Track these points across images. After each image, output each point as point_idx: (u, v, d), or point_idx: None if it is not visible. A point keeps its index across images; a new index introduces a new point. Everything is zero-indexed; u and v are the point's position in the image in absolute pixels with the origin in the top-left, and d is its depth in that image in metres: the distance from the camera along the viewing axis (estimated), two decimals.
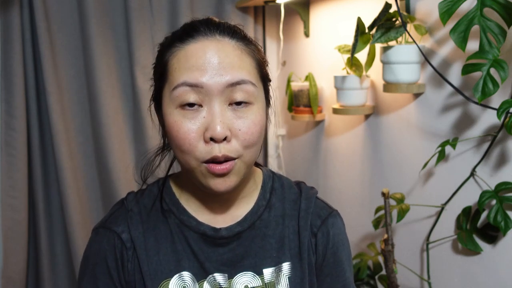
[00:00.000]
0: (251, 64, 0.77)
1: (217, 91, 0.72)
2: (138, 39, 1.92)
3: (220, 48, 0.74)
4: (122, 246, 0.82)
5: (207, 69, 0.72)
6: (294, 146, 2.14)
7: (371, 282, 1.52)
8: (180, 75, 0.73)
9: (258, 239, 0.83)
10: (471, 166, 1.24)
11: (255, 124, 0.75)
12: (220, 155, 0.72)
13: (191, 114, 0.73)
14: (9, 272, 1.85)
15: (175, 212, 0.84)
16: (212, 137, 0.72)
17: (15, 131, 1.81)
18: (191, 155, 0.73)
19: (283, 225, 0.85)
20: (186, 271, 0.81)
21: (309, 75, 1.82)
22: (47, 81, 1.82)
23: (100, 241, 0.84)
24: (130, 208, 0.84)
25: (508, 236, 1.17)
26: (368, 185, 1.67)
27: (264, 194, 0.86)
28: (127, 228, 0.82)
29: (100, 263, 0.83)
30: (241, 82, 0.73)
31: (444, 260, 1.36)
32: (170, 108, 0.75)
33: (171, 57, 0.76)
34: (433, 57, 1.33)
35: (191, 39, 0.75)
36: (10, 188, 1.83)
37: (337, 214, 0.89)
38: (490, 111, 1.18)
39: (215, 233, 0.82)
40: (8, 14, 1.77)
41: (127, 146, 2.01)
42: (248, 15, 2.09)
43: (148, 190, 0.87)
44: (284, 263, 0.83)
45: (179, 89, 0.73)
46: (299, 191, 0.89)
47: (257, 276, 0.82)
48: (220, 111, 0.73)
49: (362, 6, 1.60)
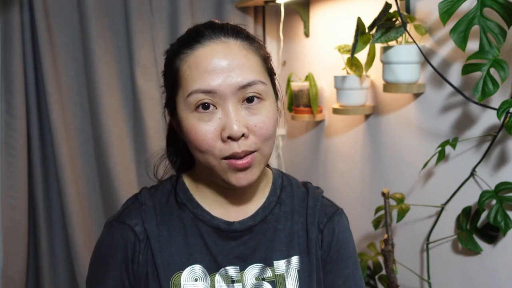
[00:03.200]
0: (257, 63, 0.79)
1: (229, 93, 0.75)
2: (138, 39, 1.92)
3: (227, 51, 0.77)
4: (135, 239, 0.83)
5: (217, 73, 0.75)
6: (294, 146, 2.14)
7: (371, 282, 1.53)
8: (193, 82, 0.76)
9: (269, 233, 0.86)
10: (471, 166, 1.24)
11: (269, 118, 0.78)
12: (240, 151, 0.75)
13: (207, 117, 0.76)
14: (9, 272, 1.84)
15: (189, 207, 0.86)
16: (230, 136, 0.74)
17: (15, 131, 1.81)
18: (210, 154, 0.76)
19: (292, 221, 0.88)
20: (198, 264, 0.83)
21: (309, 75, 1.82)
22: (47, 81, 1.82)
23: (113, 234, 0.86)
24: (144, 202, 0.86)
25: (508, 236, 1.17)
26: (368, 185, 1.67)
27: (275, 190, 0.89)
28: (141, 221, 0.84)
29: (112, 256, 0.85)
30: (252, 83, 0.76)
31: (444, 260, 1.36)
32: (186, 113, 0.77)
33: (181, 63, 0.78)
34: (433, 57, 1.33)
35: (198, 44, 0.77)
36: (10, 188, 1.83)
37: (342, 212, 0.93)
38: (490, 111, 1.18)
39: (228, 226, 0.84)
40: (8, 14, 1.77)
41: (127, 146, 2.00)
42: (248, 15, 2.09)
43: (162, 186, 0.89)
44: (293, 256, 0.86)
45: (193, 96, 0.76)
46: (306, 190, 0.92)
47: (268, 268, 0.85)
48: (235, 110, 0.75)
49: (362, 6, 1.60)
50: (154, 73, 1.97)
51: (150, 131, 1.97)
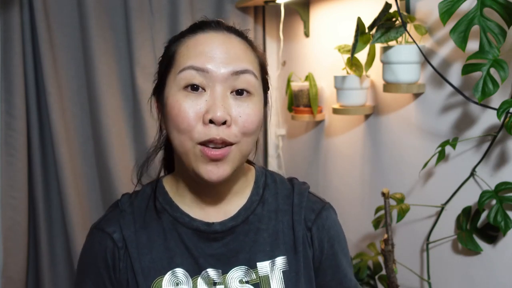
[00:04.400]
0: (254, 60, 0.81)
1: (221, 77, 0.75)
2: (138, 39, 1.92)
3: (227, 40, 0.78)
4: (114, 246, 0.83)
5: (213, 57, 0.76)
6: (294, 146, 2.14)
7: (371, 282, 1.52)
8: (187, 59, 0.76)
9: (252, 233, 0.84)
10: (471, 166, 1.24)
11: (255, 114, 0.77)
12: (218, 138, 0.73)
13: (194, 96, 0.75)
14: (9, 272, 1.84)
15: (168, 210, 0.85)
16: (212, 119, 0.73)
17: (15, 131, 1.81)
18: (188, 135, 0.75)
19: (276, 220, 0.86)
20: (179, 268, 0.82)
21: (309, 75, 1.82)
22: (47, 81, 1.82)
23: (92, 241, 0.86)
24: (124, 209, 0.86)
25: (508, 236, 1.17)
26: (368, 185, 1.67)
27: (257, 190, 0.88)
28: (119, 228, 0.84)
29: (92, 263, 0.85)
30: (245, 72, 0.77)
31: (444, 260, 1.36)
32: (173, 90, 0.77)
33: (179, 46, 0.79)
34: (433, 57, 1.33)
35: (201, 31, 0.79)
36: (10, 188, 1.83)
37: (329, 207, 0.91)
38: (490, 111, 1.18)
39: (208, 227, 0.83)
40: (8, 14, 1.77)
41: (127, 146, 2.01)
42: (248, 15, 2.09)
43: (142, 191, 0.89)
44: (278, 257, 0.84)
45: (185, 72, 0.76)
46: (291, 186, 0.90)
47: (251, 270, 0.83)
48: (222, 96, 0.75)
49: (362, 6, 1.60)
50: (154, 73, 1.97)
51: (150, 131, 1.97)
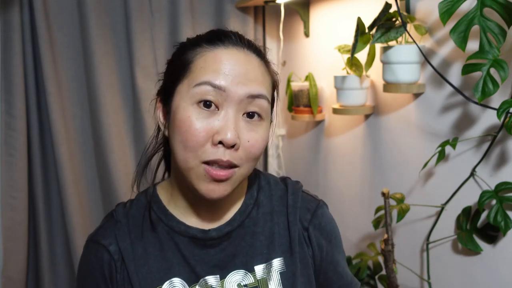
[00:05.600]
0: (269, 84, 0.81)
1: (237, 98, 0.74)
2: (138, 39, 1.92)
3: (249, 60, 0.77)
4: (110, 259, 0.82)
5: (233, 76, 0.75)
6: (294, 146, 2.14)
7: (371, 282, 1.52)
8: (205, 74, 0.75)
9: (248, 237, 0.84)
10: (471, 166, 1.24)
11: (263, 140, 0.78)
12: (224, 160, 0.73)
13: (206, 114, 0.74)
14: (9, 272, 1.84)
15: (163, 220, 0.84)
16: (222, 141, 0.73)
17: (15, 131, 1.81)
18: (194, 153, 0.74)
19: (271, 222, 0.86)
20: (177, 277, 0.81)
21: (309, 75, 1.82)
22: (47, 81, 1.82)
23: (88, 254, 0.85)
24: (119, 220, 0.85)
25: (508, 236, 1.17)
26: (368, 185, 1.67)
27: (251, 193, 0.88)
28: (115, 240, 0.83)
29: (89, 276, 0.85)
30: (260, 96, 0.77)
31: (444, 260, 1.36)
32: (186, 103, 0.75)
33: (196, 56, 0.77)
34: (433, 57, 1.33)
35: (221, 44, 0.77)
36: (10, 188, 1.83)
37: (323, 204, 0.92)
38: (490, 111, 1.18)
39: (204, 234, 0.82)
40: (8, 14, 1.77)
41: (127, 146, 2.01)
42: (248, 15, 2.09)
43: (137, 200, 0.88)
44: (274, 259, 0.84)
45: (201, 87, 0.74)
46: (285, 187, 0.90)
47: (249, 274, 0.83)
48: (235, 118, 0.74)
49: (362, 6, 1.60)
50: (154, 73, 1.97)
51: (150, 131, 1.97)
